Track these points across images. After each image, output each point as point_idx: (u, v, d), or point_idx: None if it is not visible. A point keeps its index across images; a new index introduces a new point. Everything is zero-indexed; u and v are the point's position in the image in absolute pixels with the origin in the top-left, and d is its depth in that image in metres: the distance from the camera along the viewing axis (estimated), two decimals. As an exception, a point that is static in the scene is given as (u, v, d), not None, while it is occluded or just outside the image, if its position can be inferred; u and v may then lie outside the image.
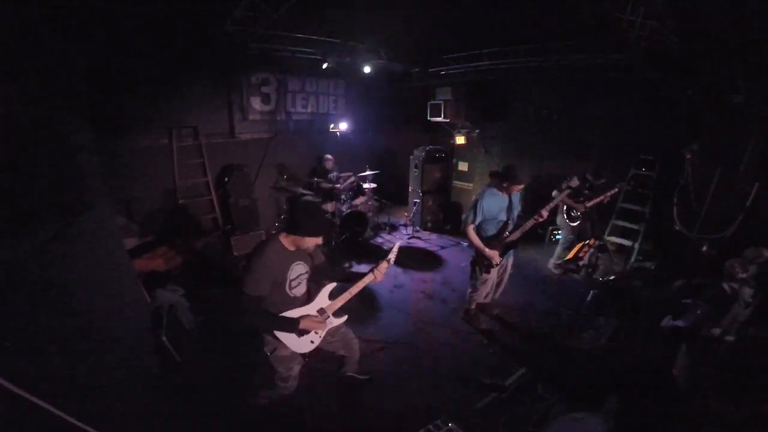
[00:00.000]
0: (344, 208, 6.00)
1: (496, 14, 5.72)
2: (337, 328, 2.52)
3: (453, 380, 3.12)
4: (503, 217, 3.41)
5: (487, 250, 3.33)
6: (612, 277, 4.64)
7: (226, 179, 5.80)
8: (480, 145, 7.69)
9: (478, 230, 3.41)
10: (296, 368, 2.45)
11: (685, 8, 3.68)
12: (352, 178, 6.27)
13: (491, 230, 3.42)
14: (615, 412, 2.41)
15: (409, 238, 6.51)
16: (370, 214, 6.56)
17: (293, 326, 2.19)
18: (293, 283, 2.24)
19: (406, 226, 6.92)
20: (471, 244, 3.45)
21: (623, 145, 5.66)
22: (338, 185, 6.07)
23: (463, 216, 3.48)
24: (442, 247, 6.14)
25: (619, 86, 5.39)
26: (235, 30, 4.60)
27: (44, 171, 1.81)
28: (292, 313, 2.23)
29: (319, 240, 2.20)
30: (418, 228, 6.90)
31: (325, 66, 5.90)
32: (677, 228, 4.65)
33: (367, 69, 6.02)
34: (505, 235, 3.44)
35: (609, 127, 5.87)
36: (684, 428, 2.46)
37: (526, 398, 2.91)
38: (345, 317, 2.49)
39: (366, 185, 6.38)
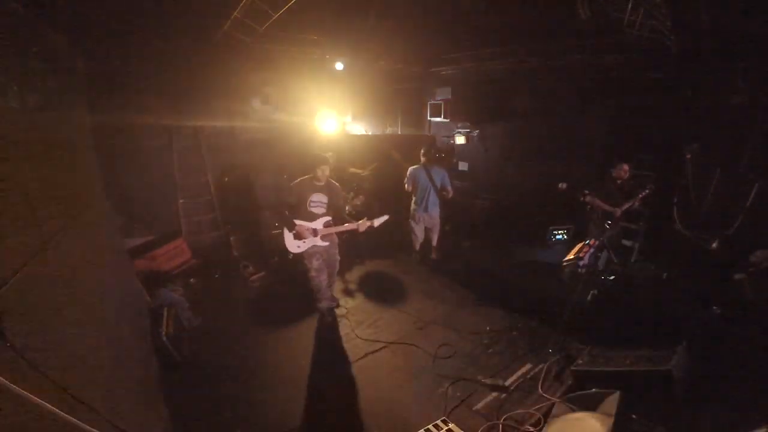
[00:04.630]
0: (347, 208, 5.98)
1: (496, 14, 5.73)
2: (329, 254, 3.80)
3: (453, 380, 3.12)
4: None
5: None
6: (612, 277, 4.63)
7: (226, 179, 5.80)
8: (480, 145, 7.69)
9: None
10: (315, 263, 3.70)
11: (684, 8, 3.68)
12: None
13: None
14: (615, 412, 2.40)
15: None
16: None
17: (291, 227, 3.50)
18: (311, 204, 3.57)
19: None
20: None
21: (623, 145, 5.66)
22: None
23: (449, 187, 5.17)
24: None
25: (619, 86, 5.39)
26: (235, 30, 4.60)
27: (44, 171, 1.81)
28: (299, 222, 3.51)
29: (320, 169, 3.53)
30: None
31: (325, 66, 5.90)
32: (677, 228, 4.65)
33: (367, 69, 6.02)
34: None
35: (609, 127, 5.87)
36: (684, 428, 2.46)
37: (526, 398, 2.91)
38: (327, 244, 3.71)
39: (366, 185, 6.37)
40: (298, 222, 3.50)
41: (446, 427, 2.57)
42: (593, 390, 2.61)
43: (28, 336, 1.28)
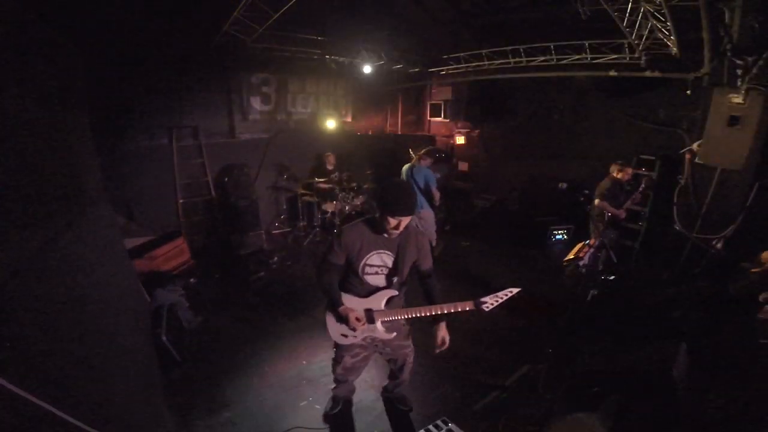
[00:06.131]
0: (347, 208, 5.98)
1: (496, 14, 5.74)
2: (396, 344, 2.41)
3: (453, 380, 3.12)
4: None
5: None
6: (612, 277, 4.63)
7: (226, 179, 5.80)
8: (480, 145, 7.70)
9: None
10: (346, 359, 2.40)
11: (684, 8, 3.68)
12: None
13: None
14: (615, 413, 2.41)
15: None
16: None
17: (334, 307, 2.15)
18: (367, 269, 2.13)
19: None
20: (438, 202, 5.17)
21: (623, 144, 5.67)
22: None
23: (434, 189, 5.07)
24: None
25: (619, 86, 5.39)
26: (235, 30, 4.60)
27: (44, 171, 1.81)
28: (345, 298, 2.17)
29: (397, 222, 1.94)
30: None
31: (325, 66, 5.90)
32: (677, 228, 4.65)
33: (367, 69, 6.02)
34: None
35: (609, 127, 5.88)
36: (683, 428, 2.46)
37: (526, 398, 2.91)
38: (394, 335, 2.29)
39: (366, 185, 6.38)
40: (345, 298, 2.17)
41: (446, 427, 2.57)
42: (593, 390, 2.60)
43: (28, 336, 1.28)
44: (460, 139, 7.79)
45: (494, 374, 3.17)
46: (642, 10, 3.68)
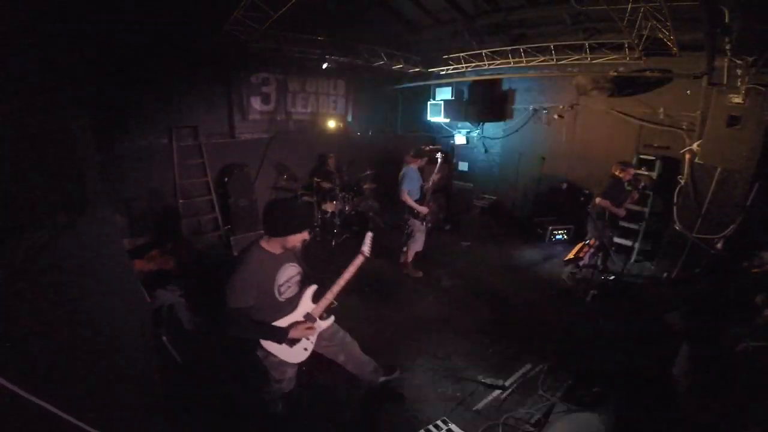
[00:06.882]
0: (346, 208, 5.99)
1: (496, 14, 5.73)
2: (330, 332, 2.47)
3: (453, 380, 3.12)
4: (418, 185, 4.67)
5: (422, 207, 4.58)
6: (612, 277, 4.63)
7: (226, 179, 5.80)
8: (480, 145, 7.70)
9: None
10: (290, 371, 2.36)
11: (684, 8, 3.69)
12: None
13: (414, 196, 4.59)
14: (615, 412, 2.41)
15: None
16: (371, 215, 6.56)
17: (283, 336, 2.14)
18: (282, 288, 2.16)
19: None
20: (408, 207, 4.57)
21: (623, 144, 5.67)
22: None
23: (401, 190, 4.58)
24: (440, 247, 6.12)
25: (619, 86, 5.40)
26: (235, 30, 4.60)
27: (45, 171, 1.81)
28: (281, 323, 2.17)
29: (304, 235, 2.08)
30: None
31: (325, 66, 5.90)
32: (677, 228, 4.65)
33: (366, 69, 6.02)
34: (426, 199, 4.79)
35: (609, 127, 5.88)
36: (683, 428, 2.46)
37: (527, 398, 2.91)
38: (332, 318, 2.42)
39: (366, 185, 6.38)
40: (281, 323, 2.17)
41: (446, 427, 2.57)
42: (593, 390, 2.61)
43: (28, 336, 1.28)
44: (460, 139, 7.79)
45: (494, 374, 3.17)
46: (642, 9, 3.68)
